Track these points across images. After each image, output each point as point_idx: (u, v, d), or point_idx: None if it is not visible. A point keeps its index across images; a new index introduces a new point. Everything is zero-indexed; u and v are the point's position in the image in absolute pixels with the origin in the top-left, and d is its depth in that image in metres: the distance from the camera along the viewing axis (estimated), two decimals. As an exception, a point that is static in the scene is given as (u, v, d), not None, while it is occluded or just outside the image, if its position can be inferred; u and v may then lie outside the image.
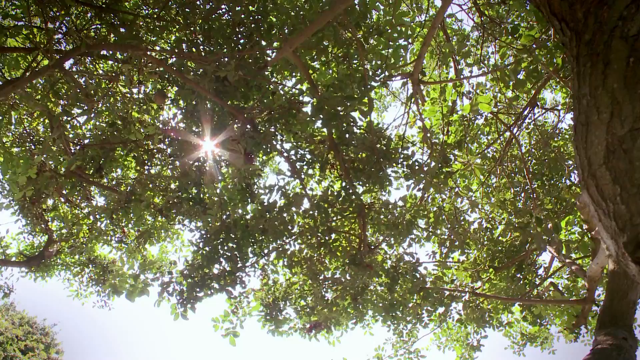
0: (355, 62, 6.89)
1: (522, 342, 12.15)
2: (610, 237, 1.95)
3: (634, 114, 1.93)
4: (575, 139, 2.19)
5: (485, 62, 9.13)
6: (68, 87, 8.92)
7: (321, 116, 6.32)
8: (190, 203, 9.19)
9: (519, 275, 9.66)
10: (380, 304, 8.85)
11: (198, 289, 8.23)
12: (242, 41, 7.80)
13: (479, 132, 9.50)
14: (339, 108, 6.42)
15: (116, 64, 9.53)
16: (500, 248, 9.54)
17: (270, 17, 7.63)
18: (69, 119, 9.24)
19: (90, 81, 9.38)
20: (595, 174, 1.99)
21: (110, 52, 8.83)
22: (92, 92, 8.82)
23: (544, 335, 12.17)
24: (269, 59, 7.33)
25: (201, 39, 8.30)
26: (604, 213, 1.96)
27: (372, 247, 8.45)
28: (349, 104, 6.31)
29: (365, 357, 11.50)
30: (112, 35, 8.61)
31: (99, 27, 8.60)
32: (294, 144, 8.08)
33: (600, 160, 1.97)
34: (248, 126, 7.59)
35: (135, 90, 9.90)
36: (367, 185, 7.64)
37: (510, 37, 7.44)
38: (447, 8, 6.20)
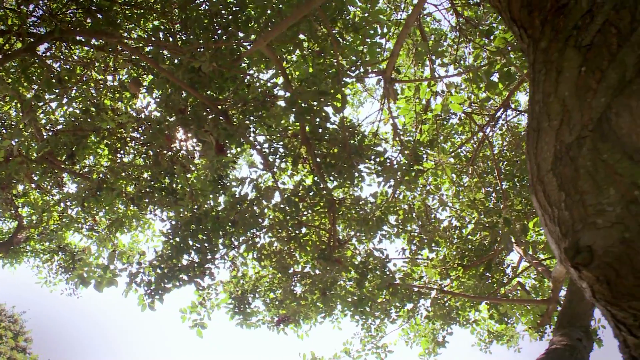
0: (330, 57, 6.91)
1: (489, 339, 12.32)
2: (554, 242, 1.99)
3: (582, 122, 1.98)
4: (527, 144, 2.24)
5: (462, 62, 9.20)
6: (41, 71, 8.82)
7: (294, 110, 6.33)
8: (163, 193, 9.15)
9: (487, 274, 9.78)
10: (349, 299, 8.90)
11: (166, 280, 8.20)
12: (219, 32, 7.77)
13: (452, 132, 9.57)
14: (313, 103, 6.43)
15: (91, 50, 9.44)
16: (470, 247, 9.64)
17: (249, 8, 7.61)
18: (40, 104, 9.12)
19: (65, 66, 9.28)
20: (543, 180, 2.04)
21: (85, 39, 8.74)
22: (65, 77, 8.73)
23: (510, 334, 12.34)
24: (245, 50, 7.32)
25: (178, 28, 8.26)
26: (549, 218, 2.00)
27: (342, 242, 8.49)
28: (322, 99, 6.32)
29: (333, 351, 11.56)
30: (88, 21, 8.52)
31: (75, 11, 8.49)
32: (267, 137, 8.08)
33: (548, 166, 2.02)
34: (221, 117, 7.57)
35: (110, 78, 9.82)
36: (338, 180, 7.68)
37: (484, 39, 7.50)
38: (421, 7, 6.23)
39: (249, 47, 7.26)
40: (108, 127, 8.69)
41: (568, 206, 1.89)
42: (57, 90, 8.45)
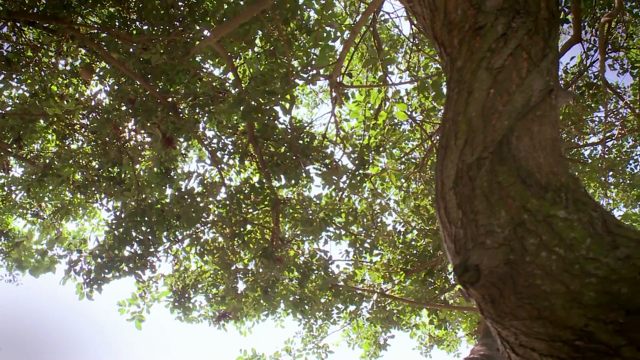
0: (282, 57, 6.91)
1: (429, 344, 12.49)
2: (451, 258, 2.05)
3: (484, 143, 2.03)
4: (436, 161, 2.29)
5: (417, 71, 9.28)
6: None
7: (242, 108, 6.31)
8: (111, 183, 9.04)
9: (430, 280, 9.90)
10: (291, 298, 8.93)
11: (106, 270, 8.10)
12: (175, 23, 7.70)
13: (403, 138, 9.66)
14: (262, 101, 6.43)
15: (44, 33, 9.23)
16: (414, 252, 9.74)
17: (207, 1, 7.56)
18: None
19: (17, 47, 9.06)
20: (445, 197, 2.09)
21: (36, 21, 8.54)
22: (14, 59, 8.54)
23: (450, 339, 12.55)
24: (197, 44, 7.27)
25: (135, 17, 8.15)
26: (448, 235, 2.05)
27: (285, 241, 8.50)
28: (271, 98, 6.33)
29: (274, 349, 11.58)
30: (43, 2, 8.33)
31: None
32: (217, 132, 8.05)
33: (450, 184, 2.07)
34: (170, 110, 7.51)
35: (62, 62, 9.63)
36: (287, 179, 7.68)
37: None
38: (369, 15, 6.29)
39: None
40: (55, 112, 8.52)
41: (464, 225, 1.95)
42: (4, 72, 8.26)
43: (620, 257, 1.67)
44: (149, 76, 7.69)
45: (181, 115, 7.57)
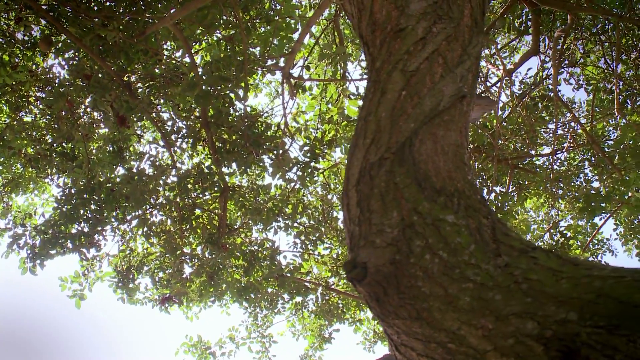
0: (240, 45, 6.87)
1: (374, 339, 12.58)
2: (349, 254, 2.08)
3: (388, 144, 2.06)
4: (347, 158, 2.31)
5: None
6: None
7: (195, 93, 6.27)
8: (64, 159, 8.91)
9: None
10: (237, 286, 8.92)
11: (50, 246, 7.99)
12: (140, 2, 7.60)
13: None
14: (217, 87, 6.39)
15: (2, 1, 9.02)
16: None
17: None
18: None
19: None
20: (348, 194, 2.11)
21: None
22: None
23: (395, 336, 12.63)
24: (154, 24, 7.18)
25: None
26: (347, 232, 2.08)
27: (232, 229, 8.49)
28: (226, 84, 6.29)
29: (220, 336, 11.55)
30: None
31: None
32: (171, 115, 7.98)
33: (354, 182, 2.09)
34: (125, 89, 7.42)
35: (21, 32, 9.43)
36: (239, 167, 7.65)
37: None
38: (325, 9, 6.29)
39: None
40: (6, 82, 8.34)
41: (360, 222, 1.97)
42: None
43: (500, 264, 1.71)
44: (106, 53, 7.58)
45: (137, 95, 7.48)
